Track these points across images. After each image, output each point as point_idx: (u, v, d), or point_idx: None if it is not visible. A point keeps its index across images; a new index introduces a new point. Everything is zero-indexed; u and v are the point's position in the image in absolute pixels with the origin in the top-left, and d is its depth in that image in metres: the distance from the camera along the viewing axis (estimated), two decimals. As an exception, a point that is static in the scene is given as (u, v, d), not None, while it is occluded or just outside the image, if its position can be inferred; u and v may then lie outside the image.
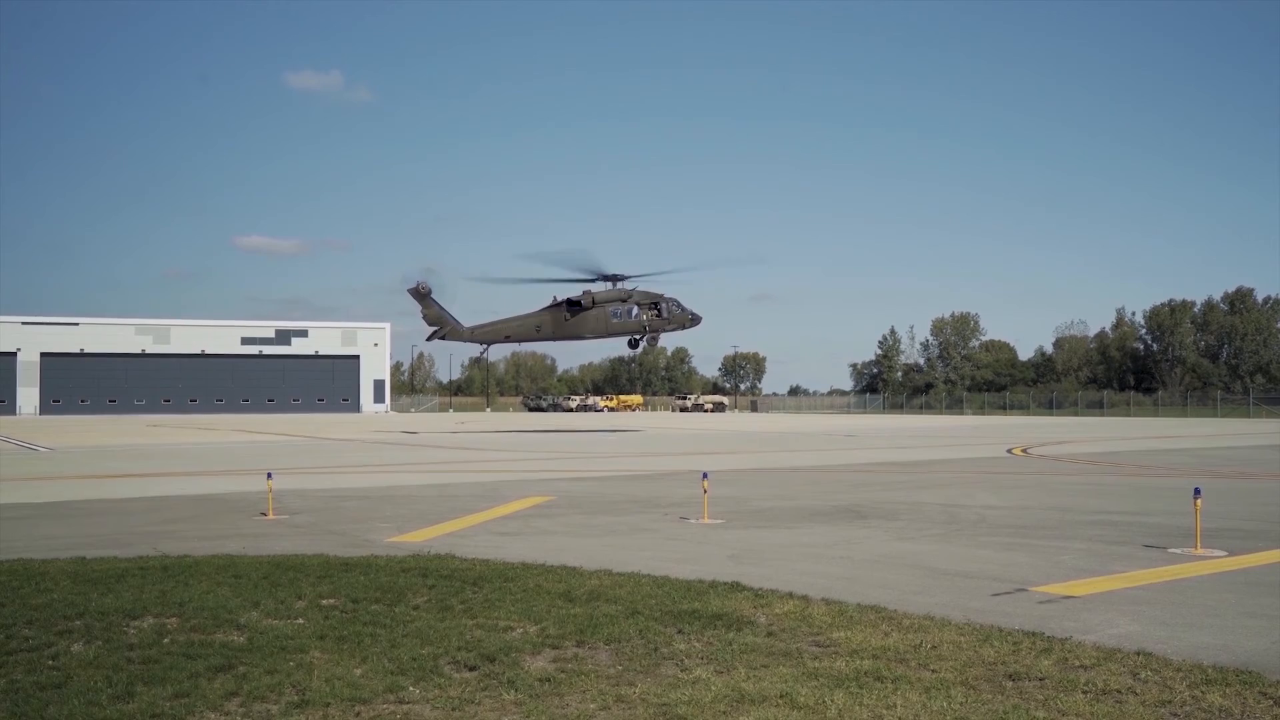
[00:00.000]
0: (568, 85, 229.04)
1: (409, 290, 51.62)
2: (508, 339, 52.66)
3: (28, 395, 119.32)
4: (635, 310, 51.29)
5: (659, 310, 51.64)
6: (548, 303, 51.84)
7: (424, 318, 51.87)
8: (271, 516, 15.43)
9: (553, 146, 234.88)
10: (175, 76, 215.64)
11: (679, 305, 52.40)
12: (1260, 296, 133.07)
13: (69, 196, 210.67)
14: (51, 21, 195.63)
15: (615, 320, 51.20)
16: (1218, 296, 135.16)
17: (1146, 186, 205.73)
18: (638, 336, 52.02)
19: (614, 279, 50.98)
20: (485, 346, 53.77)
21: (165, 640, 7.44)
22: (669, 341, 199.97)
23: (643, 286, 51.95)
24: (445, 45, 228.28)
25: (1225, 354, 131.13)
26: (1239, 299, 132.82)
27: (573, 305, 51.03)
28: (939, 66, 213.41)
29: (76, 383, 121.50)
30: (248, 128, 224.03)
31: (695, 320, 53.49)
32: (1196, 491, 12.48)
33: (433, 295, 51.55)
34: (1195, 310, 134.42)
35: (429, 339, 52.29)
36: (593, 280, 50.90)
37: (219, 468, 27.31)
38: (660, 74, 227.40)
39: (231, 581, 9.51)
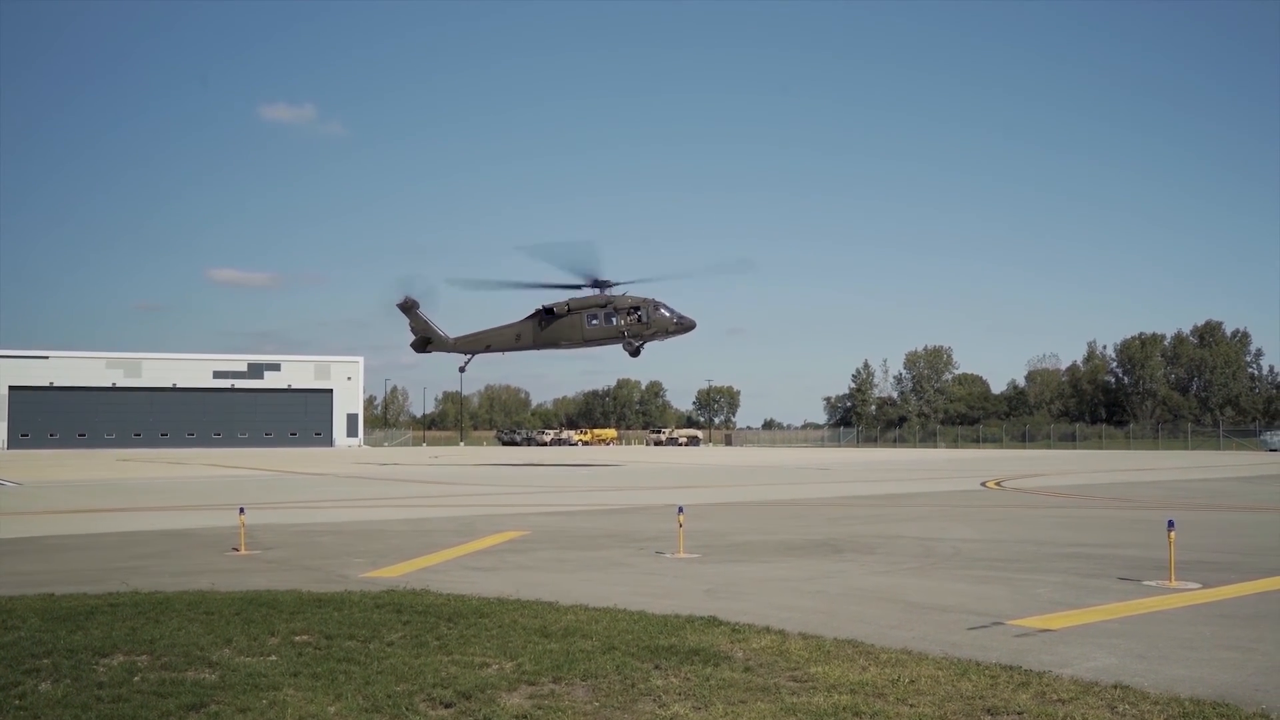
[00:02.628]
0: (541, 117, 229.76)
1: (397, 305, 51.99)
2: (489, 348, 52.08)
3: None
4: (613, 317, 48.76)
5: (639, 315, 48.52)
6: (530, 311, 50.67)
7: (411, 329, 52.06)
8: (244, 552, 15.28)
9: (527, 178, 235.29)
10: (148, 107, 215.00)
11: (663, 309, 48.66)
12: (1229, 330, 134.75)
13: (38, 228, 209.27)
14: (25, 54, 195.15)
15: (591, 327, 49.12)
16: (1187, 330, 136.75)
17: (1116, 220, 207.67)
18: (637, 343, 49.08)
19: (601, 285, 48.85)
20: (469, 356, 53.18)
21: (135, 678, 7.33)
22: (644, 375, 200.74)
23: (633, 293, 49.20)
24: (417, 79, 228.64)
25: (1195, 386, 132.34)
26: (1208, 332, 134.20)
27: (548, 313, 49.58)
28: (911, 103, 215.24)
29: (46, 416, 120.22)
30: (220, 160, 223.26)
31: (683, 325, 49.22)
32: (1170, 524, 12.56)
33: (419, 309, 51.79)
34: (1165, 343, 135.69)
35: (413, 346, 52.26)
36: (579, 286, 49.05)
37: (190, 502, 27.05)
38: (635, 104, 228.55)
39: (203, 618, 9.40)
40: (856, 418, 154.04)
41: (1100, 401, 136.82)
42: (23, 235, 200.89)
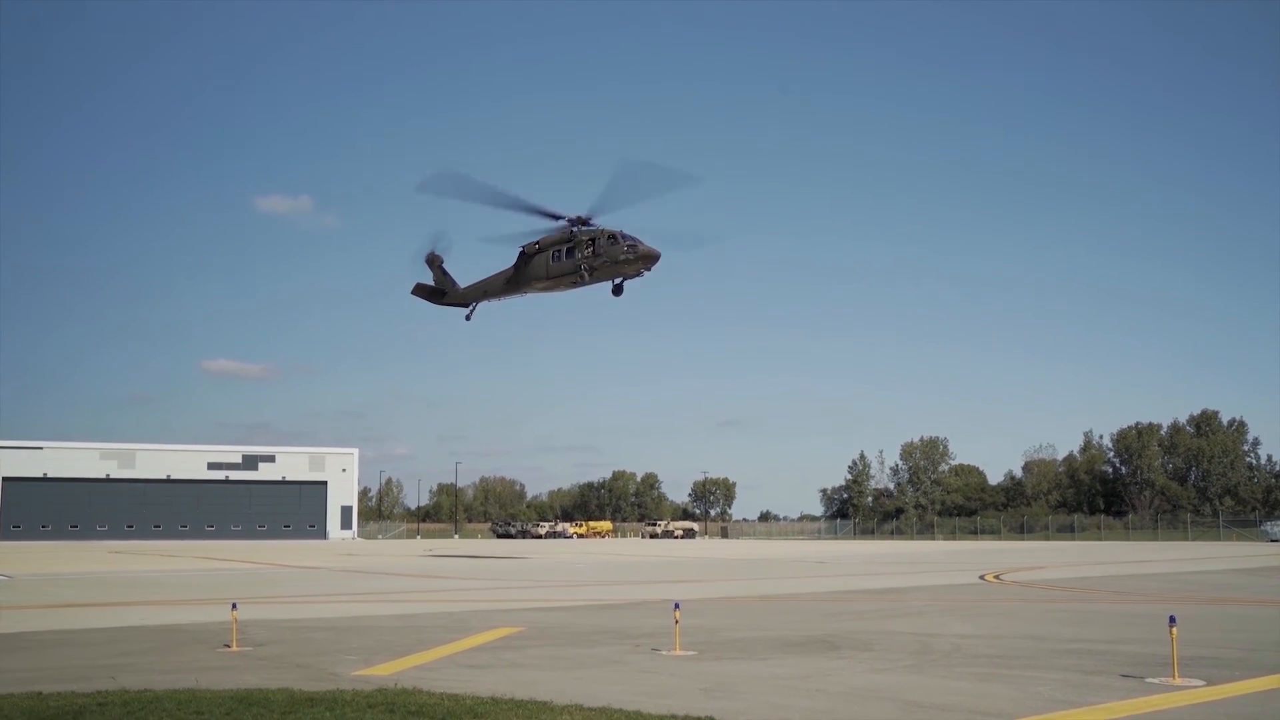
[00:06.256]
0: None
1: (424, 259, 52.82)
2: (486, 294, 51.23)
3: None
4: (574, 251, 44.13)
5: (594, 247, 43.34)
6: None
7: (433, 280, 52.56)
8: (235, 648, 15.10)
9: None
10: (143, 198, 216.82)
11: (617, 238, 42.58)
12: (1226, 418, 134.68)
13: (33, 319, 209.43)
14: (21, 143, 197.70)
15: (555, 264, 45.06)
16: (1184, 419, 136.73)
17: (1110, 309, 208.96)
18: (590, 278, 44.03)
19: (577, 221, 44.00)
20: (472, 306, 52.74)
21: (122, 782, 7.20)
22: (639, 467, 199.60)
23: (611, 225, 43.44)
24: (414, 172, 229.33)
25: (1193, 476, 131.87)
26: (1205, 421, 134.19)
27: (523, 254, 46.26)
28: (905, 191, 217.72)
29: (38, 508, 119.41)
30: (216, 251, 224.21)
31: (636, 252, 42.24)
32: (1171, 619, 12.45)
33: (443, 263, 52.47)
34: (1162, 433, 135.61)
35: (422, 295, 52.33)
36: (558, 217, 44.27)
37: (182, 597, 26.78)
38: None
39: (193, 717, 9.28)
40: (853, 509, 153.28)
41: (1098, 492, 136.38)
42: (18, 326, 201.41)
